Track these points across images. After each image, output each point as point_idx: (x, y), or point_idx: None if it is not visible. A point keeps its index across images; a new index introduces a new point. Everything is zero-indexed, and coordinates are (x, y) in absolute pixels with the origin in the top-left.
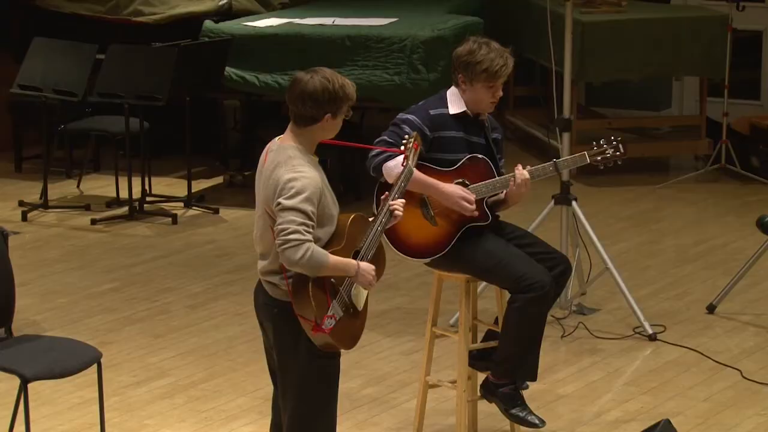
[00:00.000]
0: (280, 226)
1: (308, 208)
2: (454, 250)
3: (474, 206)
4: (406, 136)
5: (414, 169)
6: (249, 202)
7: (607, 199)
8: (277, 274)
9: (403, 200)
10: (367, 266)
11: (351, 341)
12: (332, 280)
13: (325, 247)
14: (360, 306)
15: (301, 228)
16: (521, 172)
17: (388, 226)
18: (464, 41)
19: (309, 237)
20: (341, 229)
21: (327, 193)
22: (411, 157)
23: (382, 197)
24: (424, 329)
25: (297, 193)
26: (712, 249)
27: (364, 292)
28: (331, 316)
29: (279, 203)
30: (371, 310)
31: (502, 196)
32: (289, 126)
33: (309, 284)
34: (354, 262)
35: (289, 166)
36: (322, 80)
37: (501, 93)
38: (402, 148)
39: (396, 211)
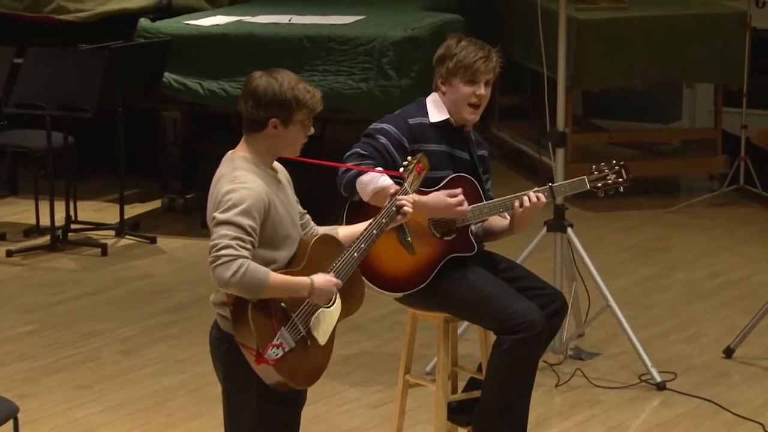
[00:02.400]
0: (211, 242)
1: (245, 221)
2: (433, 283)
3: (467, 206)
4: (409, 158)
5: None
6: (191, 230)
7: (608, 225)
8: (226, 306)
9: (415, 197)
10: (323, 280)
11: (306, 379)
12: (282, 304)
13: (279, 270)
14: (322, 339)
15: (234, 243)
16: (537, 195)
17: (390, 227)
18: (443, 42)
19: (243, 253)
20: (303, 251)
21: (281, 209)
22: (410, 180)
23: (398, 199)
24: (395, 378)
25: (233, 206)
26: (729, 283)
27: (329, 322)
28: (277, 345)
29: (213, 218)
30: (333, 356)
31: (505, 221)
32: (243, 135)
33: (248, 306)
34: (306, 279)
35: (231, 177)
36: (270, 80)
37: (484, 92)
38: (401, 170)
39: (405, 208)
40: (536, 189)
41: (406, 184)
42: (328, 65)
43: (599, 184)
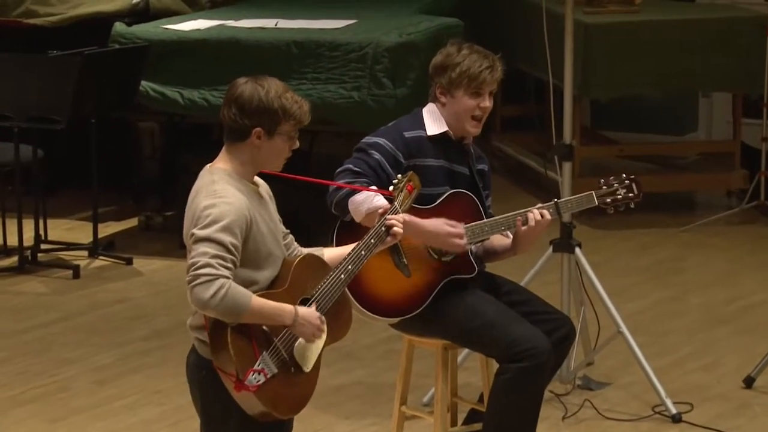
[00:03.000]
0: (190, 261)
1: (226, 238)
2: (430, 308)
3: (465, 240)
4: (399, 176)
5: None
6: (170, 250)
7: (619, 245)
8: (204, 330)
9: (406, 217)
10: (308, 313)
11: (290, 407)
12: (264, 327)
13: (261, 292)
14: (307, 366)
15: (214, 261)
16: (542, 213)
17: (379, 249)
18: (442, 48)
19: (224, 272)
20: (286, 271)
21: (263, 226)
22: (401, 200)
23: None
24: (390, 409)
25: (213, 222)
26: (749, 308)
27: (314, 348)
28: (258, 370)
29: (192, 234)
30: (323, 387)
31: (507, 240)
32: (224, 145)
33: (227, 328)
34: (290, 307)
35: (209, 191)
36: (256, 86)
37: (489, 104)
38: (391, 188)
39: (395, 229)
40: (541, 205)
41: (396, 203)
42: (318, 73)
43: (608, 200)
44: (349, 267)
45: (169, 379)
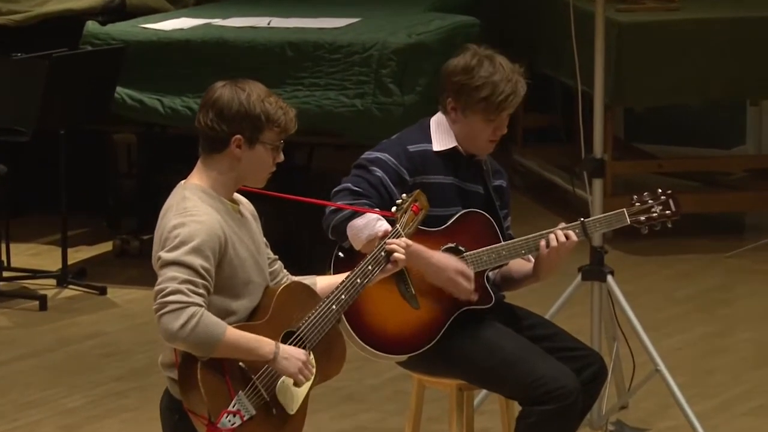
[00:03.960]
0: (157, 287)
1: (196, 261)
2: (442, 343)
3: (473, 286)
4: (404, 196)
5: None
6: (148, 278)
7: (657, 272)
8: (175, 367)
9: (408, 242)
10: (292, 350)
11: None
12: (240, 363)
13: (240, 326)
14: (291, 408)
15: (184, 287)
16: (566, 234)
17: (380, 277)
18: (460, 52)
19: (196, 299)
20: (267, 300)
21: (241, 249)
22: (404, 222)
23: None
24: None
25: (182, 243)
26: None
27: (300, 388)
28: (234, 412)
29: (159, 257)
30: None
31: (529, 266)
32: (199, 158)
33: (197, 364)
34: (269, 341)
35: (179, 209)
36: (236, 90)
37: (505, 130)
38: (393, 209)
39: (396, 255)
40: (565, 225)
41: (398, 226)
42: (316, 78)
43: (642, 218)
44: (342, 296)
45: (148, 423)
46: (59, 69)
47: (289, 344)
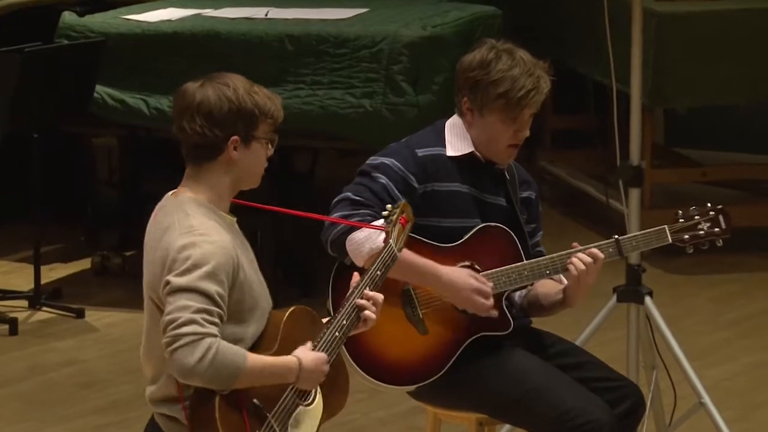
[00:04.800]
0: (167, 317)
1: (211, 288)
2: (457, 372)
3: (492, 302)
4: (389, 207)
5: (399, 254)
6: (131, 300)
7: (701, 293)
8: (174, 402)
9: (380, 296)
10: (311, 358)
11: None
12: (255, 400)
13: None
14: None
15: (198, 317)
16: (591, 253)
17: (351, 333)
18: (476, 46)
19: (211, 329)
20: (274, 328)
21: (248, 269)
22: (395, 236)
23: (353, 283)
24: None
25: (194, 266)
26: None
27: (310, 424)
28: None
29: (167, 282)
30: None
31: (558, 289)
32: (185, 171)
33: (215, 402)
34: (292, 359)
35: (184, 227)
36: (218, 86)
37: (527, 133)
38: (382, 221)
39: (366, 313)
40: (597, 244)
41: (391, 242)
42: (319, 75)
43: (686, 236)
44: (344, 322)
45: None
46: (32, 65)
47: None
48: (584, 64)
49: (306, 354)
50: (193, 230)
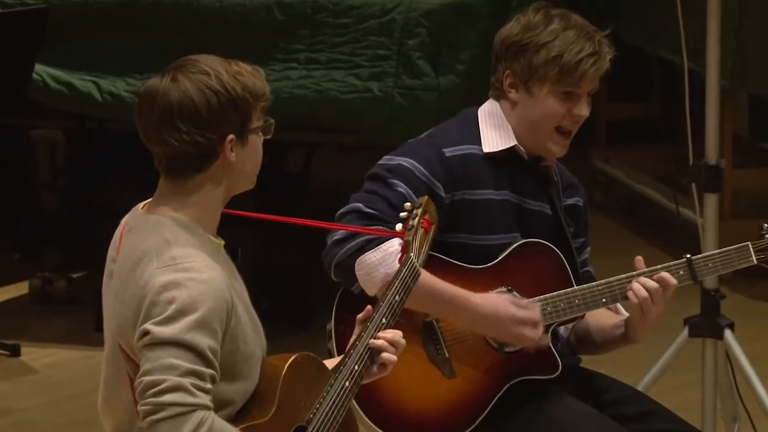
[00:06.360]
0: (147, 378)
1: (203, 341)
2: (492, 425)
3: (542, 330)
4: (407, 205)
5: (422, 269)
6: (80, 334)
7: None
8: None
9: (398, 333)
10: None
11: None
12: None
13: (237, 418)
14: None
15: (188, 382)
16: (662, 278)
17: (365, 381)
18: (519, 14)
19: (203, 399)
20: (270, 384)
21: (241, 310)
22: (417, 247)
23: (360, 318)
24: None
25: (180, 313)
26: None
27: None
28: None
29: (146, 332)
30: None
31: (614, 321)
32: (161, 181)
33: None
34: None
35: (164, 259)
36: (196, 77)
37: (586, 112)
38: (399, 227)
39: (385, 355)
40: (665, 265)
41: (412, 255)
42: (316, 53)
43: None
44: (356, 368)
45: None
46: None
47: None
48: (648, 39)
49: None
50: (176, 264)
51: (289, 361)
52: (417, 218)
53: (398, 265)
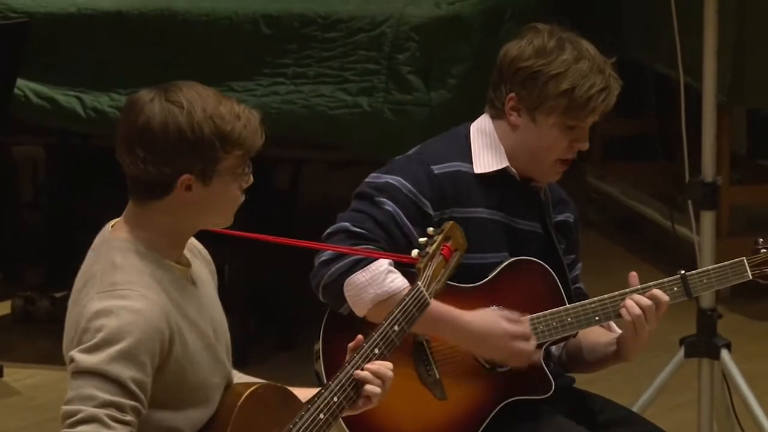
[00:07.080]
0: (65, 407)
1: (125, 373)
2: None
3: (535, 343)
4: (429, 230)
5: (431, 299)
6: (62, 354)
7: None
8: None
9: (386, 364)
10: None
11: None
12: None
13: None
14: None
15: (103, 413)
16: (651, 295)
17: (350, 413)
18: (526, 32)
19: (118, 431)
20: (225, 413)
21: (191, 339)
22: (429, 275)
23: (351, 347)
24: None
25: (105, 343)
26: None
27: None
28: None
29: (71, 359)
30: None
31: (607, 339)
32: (129, 201)
33: None
34: None
35: (105, 283)
36: (168, 106)
37: (586, 145)
38: (415, 253)
39: (368, 388)
40: (659, 282)
41: (420, 284)
42: (304, 67)
43: None
44: (334, 399)
45: None
46: None
47: None
48: (644, 52)
49: None
50: (114, 290)
51: (248, 391)
52: (435, 245)
53: (389, 287)
